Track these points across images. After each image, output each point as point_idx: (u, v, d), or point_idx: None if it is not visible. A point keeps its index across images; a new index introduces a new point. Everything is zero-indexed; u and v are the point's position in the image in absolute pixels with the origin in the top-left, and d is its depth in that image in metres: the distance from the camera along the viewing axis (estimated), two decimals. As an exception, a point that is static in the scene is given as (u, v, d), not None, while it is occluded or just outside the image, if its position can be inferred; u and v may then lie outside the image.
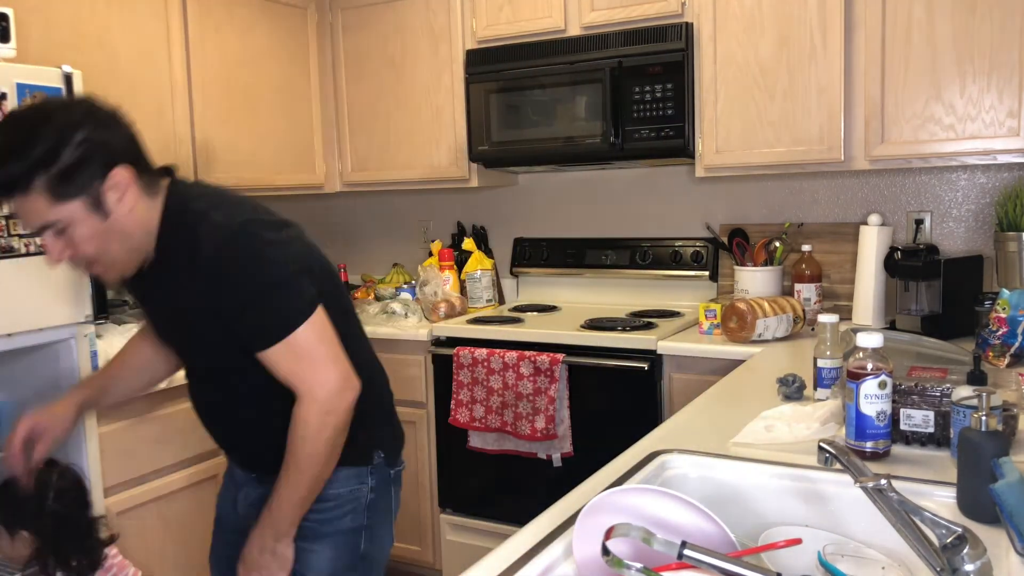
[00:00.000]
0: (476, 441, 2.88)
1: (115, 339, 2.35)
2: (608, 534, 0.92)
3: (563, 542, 1.14)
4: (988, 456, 1.15)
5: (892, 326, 2.58)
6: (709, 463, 1.47)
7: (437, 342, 2.97)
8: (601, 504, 1.07)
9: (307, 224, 4.30)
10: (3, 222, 1.92)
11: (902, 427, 1.46)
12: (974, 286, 2.53)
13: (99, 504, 2.19)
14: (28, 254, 1.97)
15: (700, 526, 1.07)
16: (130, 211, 1.39)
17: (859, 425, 1.41)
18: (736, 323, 2.51)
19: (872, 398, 1.39)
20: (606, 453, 1.57)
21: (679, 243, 3.14)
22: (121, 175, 1.36)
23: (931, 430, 1.44)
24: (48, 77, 2.00)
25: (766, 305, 2.51)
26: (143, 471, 2.37)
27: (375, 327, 3.04)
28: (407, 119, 3.35)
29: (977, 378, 1.47)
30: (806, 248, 2.81)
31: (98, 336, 2.25)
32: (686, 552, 0.89)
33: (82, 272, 1.53)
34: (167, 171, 1.50)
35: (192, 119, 2.84)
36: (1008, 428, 1.46)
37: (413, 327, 3.04)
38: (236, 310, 1.42)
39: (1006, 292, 2.00)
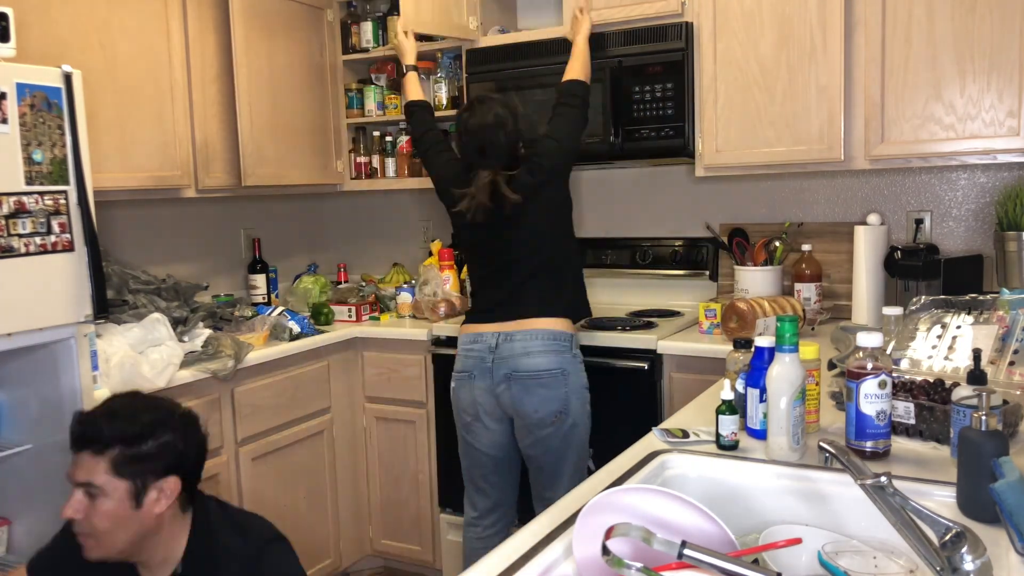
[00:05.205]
0: (476, 441, 2.87)
1: (115, 339, 2.34)
2: (608, 534, 0.92)
3: (563, 542, 1.14)
4: (988, 456, 1.15)
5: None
6: (709, 463, 1.47)
7: (437, 342, 2.97)
8: (601, 504, 1.07)
9: (307, 224, 4.20)
10: (3, 222, 1.91)
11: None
12: (974, 286, 2.53)
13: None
14: (28, 254, 1.97)
15: (700, 526, 1.07)
16: (157, 515, 1.52)
17: (859, 425, 1.41)
18: (736, 323, 2.51)
19: (872, 398, 1.39)
20: (606, 452, 1.57)
21: (679, 243, 3.14)
22: (171, 484, 1.52)
23: (912, 421, 1.52)
24: (48, 77, 2.00)
25: (766, 305, 2.51)
26: (143, 471, 2.36)
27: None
28: (407, 119, 3.35)
29: (977, 378, 1.47)
30: (806, 248, 2.81)
31: (98, 336, 2.25)
32: (686, 552, 0.89)
33: (81, 533, 1.54)
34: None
35: (192, 119, 2.84)
36: (1008, 428, 1.46)
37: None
38: None
39: (1006, 292, 2.00)
